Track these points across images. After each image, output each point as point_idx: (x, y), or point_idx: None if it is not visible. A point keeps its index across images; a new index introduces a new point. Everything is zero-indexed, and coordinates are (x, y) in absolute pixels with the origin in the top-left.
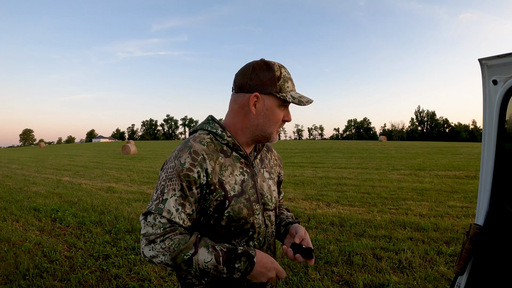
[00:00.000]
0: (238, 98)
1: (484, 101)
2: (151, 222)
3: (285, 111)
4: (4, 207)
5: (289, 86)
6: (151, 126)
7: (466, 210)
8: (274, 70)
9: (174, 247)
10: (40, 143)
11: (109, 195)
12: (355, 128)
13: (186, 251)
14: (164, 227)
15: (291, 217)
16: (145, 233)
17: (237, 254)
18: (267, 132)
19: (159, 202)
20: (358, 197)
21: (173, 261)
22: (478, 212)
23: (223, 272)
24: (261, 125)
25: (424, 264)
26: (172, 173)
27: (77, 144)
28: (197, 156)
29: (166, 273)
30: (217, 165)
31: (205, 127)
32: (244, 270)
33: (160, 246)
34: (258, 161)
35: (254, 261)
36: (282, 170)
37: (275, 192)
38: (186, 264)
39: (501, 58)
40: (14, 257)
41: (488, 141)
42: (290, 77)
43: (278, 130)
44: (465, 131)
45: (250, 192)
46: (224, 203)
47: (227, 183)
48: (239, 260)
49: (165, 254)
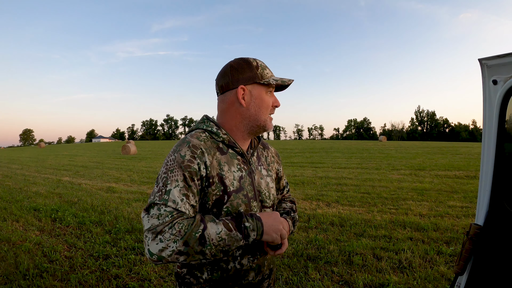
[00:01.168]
0: (225, 97)
1: (484, 101)
2: (156, 213)
3: (272, 97)
4: (4, 207)
5: (268, 73)
6: (151, 126)
7: (466, 210)
8: (250, 61)
9: (184, 229)
10: (40, 143)
11: (109, 195)
12: (355, 128)
13: (196, 229)
14: (171, 214)
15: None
16: (150, 227)
17: (242, 214)
18: (261, 120)
19: (162, 193)
20: (358, 197)
21: (185, 245)
22: (478, 212)
23: (238, 238)
24: (254, 114)
25: (424, 264)
26: (173, 165)
27: (77, 144)
28: (196, 150)
29: (166, 273)
30: (215, 160)
31: (201, 126)
32: (256, 227)
33: (170, 233)
34: (255, 158)
35: (258, 215)
36: (280, 166)
37: (273, 189)
38: (200, 243)
39: (501, 58)
40: (14, 257)
41: (488, 141)
42: (266, 65)
43: (271, 118)
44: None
45: (248, 189)
46: (223, 198)
47: (226, 178)
48: (246, 219)
49: (176, 240)
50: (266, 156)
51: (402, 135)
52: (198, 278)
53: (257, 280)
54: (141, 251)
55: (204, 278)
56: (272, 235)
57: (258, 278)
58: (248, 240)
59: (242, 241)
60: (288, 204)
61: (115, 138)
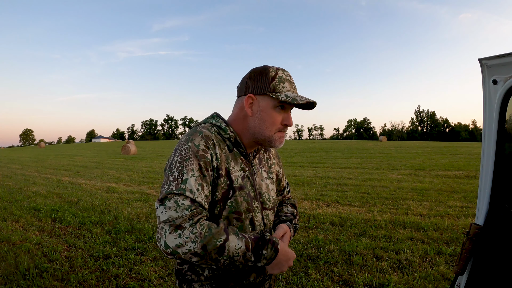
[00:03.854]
0: (238, 101)
1: (484, 101)
2: (173, 205)
3: (284, 114)
4: (4, 207)
5: (285, 87)
6: (151, 126)
7: (466, 210)
8: (269, 71)
9: (205, 233)
10: (40, 143)
11: (109, 195)
12: (355, 128)
13: (218, 237)
14: (190, 208)
15: (288, 215)
16: (168, 219)
17: (265, 240)
18: (265, 135)
19: (178, 182)
20: (358, 197)
21: (203, 249)
22: (478, 212)
23: (251, 259)
24: (257, 127)
25: (424, 264)
26: (187, 154)
27: (77, 144)
28: (208, 140)
29: (166, 273)
30: (223, 154)
31: (210, 121)
32: (270, 257)
33: (190, 231)
34: (256, 160)
35: (278, 248)
36: (281, 168)
37: (273, 191)
38: (218, 251)
39: (501, 58)
40: (14, 257)
41: (488, 141)
42: (288, 79)
43: (281, 135)
44: (465, 131)
45: (250, 189)
46: (228, 192)
47: (233, 174)
48: (266, 247)
49: (195, 241)
50: (268, 158)
51: (402, 135)
52: (199, 275)
53: (258, 281)
54: (141, 251)
55: (205, 275)
56: (274, 270)
57: (259, 279)
58: (256, 264)
59: (253, 263)
60: (290, 208)
61: (115, 138)
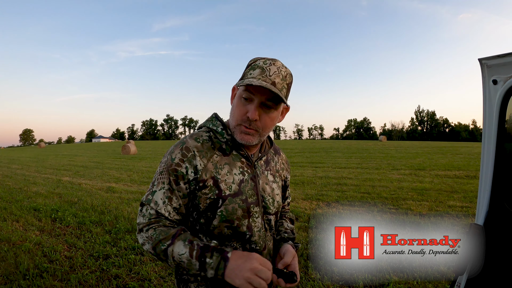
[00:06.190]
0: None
1: (484, 101)
2: (142, 212)
3: (249, 106)
4: (4, 207)
5: (252, 73)
6: (151, 126)
7: (466, 210)
8: (252, 60)
9: (155, 237)
10: (40, 143)
11: (109, 195)
12: (355, 128)
13: (164, 242)
14: (149, 218)
15: (289, 232)
16: (138, 222)
17: (209, 248)
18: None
19: (149, 193)
20: (358, 197)
21: (154, 250)
22: (478, 212)
23: (195, 267)
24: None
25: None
26: (163, 167)
27: (77, 144)
28: (187, 152)
29: (166, 273)
30: (210, 163)
31: (208, 124)
32: (217, 267)
33: (145, 235)
34: (262, 162)
35: (228, 256)
36: (289, 175)
37: (278, 196)
38: (164, 254)
39: (501, 58)
40: (14, 257)
41: (488, 141)
42: (263, 66)
43: (243, 129)
44: (465, 131)
45: (249, 194)
46: (217, 202)
47: (222, 182)
48: (211, 255)
49: (149, 243)
50: (276, 162)
51: (402, 135)
52: (196, 276)
53: None
54: (141, 251)
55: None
56: (235, 281)
57: None
58: (207, 275)
59: (200, 272)
60: (290, 224)
61: (115, 138)
